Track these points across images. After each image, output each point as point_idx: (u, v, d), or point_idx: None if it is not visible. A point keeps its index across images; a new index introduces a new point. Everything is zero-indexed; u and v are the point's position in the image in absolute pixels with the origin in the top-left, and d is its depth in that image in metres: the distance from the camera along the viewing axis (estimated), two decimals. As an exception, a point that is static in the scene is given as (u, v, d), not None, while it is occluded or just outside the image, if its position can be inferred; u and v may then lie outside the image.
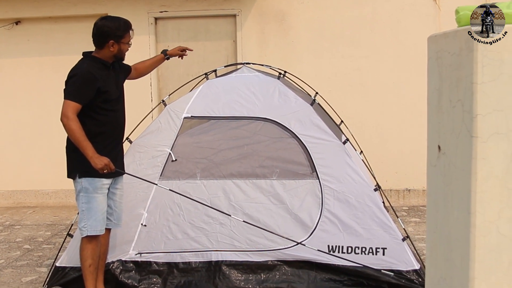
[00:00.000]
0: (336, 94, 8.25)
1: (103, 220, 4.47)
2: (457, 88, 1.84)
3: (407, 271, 4.61)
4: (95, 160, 4.21)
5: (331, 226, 4.76)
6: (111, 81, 4.48)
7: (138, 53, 8.61)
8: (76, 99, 4.26)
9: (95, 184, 4.39)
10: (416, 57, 8.31)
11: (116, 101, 4.53)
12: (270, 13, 8.72)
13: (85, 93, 4.29)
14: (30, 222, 8.09)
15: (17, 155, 9.32)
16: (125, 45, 4.49)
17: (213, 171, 4.99)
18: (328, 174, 4.83)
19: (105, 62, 4.46)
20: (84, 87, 4.29)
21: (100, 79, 4.35)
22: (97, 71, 4.37)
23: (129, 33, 4.49)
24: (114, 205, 4.65)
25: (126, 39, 4.47)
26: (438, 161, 2.07)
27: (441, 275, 2.08)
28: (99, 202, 4.42)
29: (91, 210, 4.40)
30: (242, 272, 4.79)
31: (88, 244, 4.45)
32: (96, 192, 4.40)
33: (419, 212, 8.02)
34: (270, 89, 5.25)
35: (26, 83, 9.18)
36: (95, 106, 4.36)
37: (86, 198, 4.41)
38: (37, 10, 8.98)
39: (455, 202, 1.91)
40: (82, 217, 4.43)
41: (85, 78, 4.31)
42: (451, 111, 1.90)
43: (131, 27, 4.53)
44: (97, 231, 4.42)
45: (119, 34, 4.42)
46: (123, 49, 4.50)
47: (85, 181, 4.39)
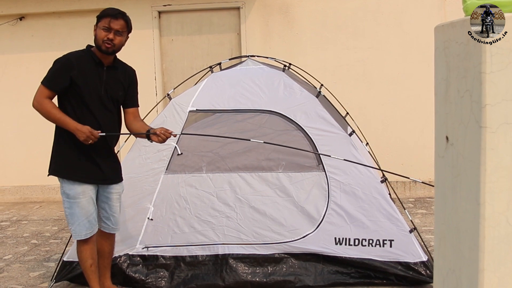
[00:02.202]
0: (341, 85, 8.23)
1: (89, 223, 4.30)
2: (465, 78, 1.82)
3: (414, 263, 4.60)
4: (78, 133, 4.08)
5: (338, 219, 4.75)
6: (94, 78, 4.24)
7: (142, 47, 8.65)
8: (49, 84, 4.15)
9: (75, 189, 4.23)
10: (420, 47, 8.28)
11: (98, 103, 4.26)
12: (274, 5, 8.70)
13: (58, 80, 4.15)
14: (37, 217, 8.11)
15: (22, 150, 9.34)
16: (99, 30, 4.21)
17: (219, 164, 4.98)
18: (334, 166, 4.81)
19: (95, 57, 4.27)
20: (58, 73, 4.16)
21: (78, 69, 4.16)
22: (80, 61, 4.21)
23: (106, 18, 4.20)
24: (110, 209, 4.50)
25: (101, 24, 4.22)
26: (446, 152, 2.05)
27: (449, 267, 2.07)
28: (82, 207, 4.26)
29: (73, 216, 4.26)
30: (249, 265, 4.78)
31: (84, 245, 4.36)
32: (78, 198, 4.24)
33: (426, 203, 8.01)
34: (275, 81, 5.24)
35: (30, 78, 9.16)
36: (71, 99, 4.20)
37: (67, 204, 4.28)
38: (41, 5, 8.98)
39: (464, 193, 1.89)
40: (68, 221, 4.34)
41: (61, 64, 4.18)
42: (459, 102, 1.89)
43: (114, 16, 4.22)
44: (81, 236, 4.29)
45: (98, 16, 4.25)
46: (97, 34, 4.22)
47: (66, 185, 4.27)
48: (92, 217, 4.33)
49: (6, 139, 9.38)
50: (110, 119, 4.37)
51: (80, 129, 4.08)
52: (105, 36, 4.18)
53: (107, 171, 4.38)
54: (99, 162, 4.31)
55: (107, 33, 4.19)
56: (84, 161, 4.27)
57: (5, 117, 9.36)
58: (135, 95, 4.61)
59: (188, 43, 9.03)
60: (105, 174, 4.37)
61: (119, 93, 4.41)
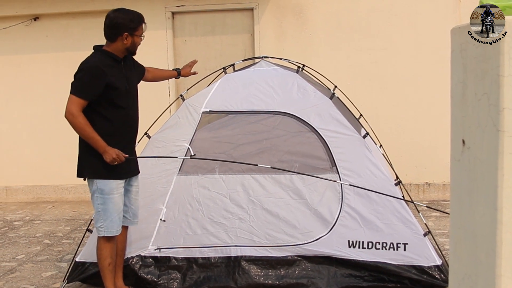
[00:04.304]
0: (354, 87, 8.19)
1: (120, 220, 4.43)
2: (483, 81, 1.80)
3: (429, 267, 4.56)
4: (106, 155, 4.21)
5: (351, 221, 4.72)
6: (121, 77, 4.37)
7: (156, 48, 8.66)
8: (82, 94, 4.19)
9: (110, 185, 4.34)
10: (434, 49, 8.23)
11: (126, 98, 4.41)
12: (288, 6, 8.68)
13: (92, 89, 4.20)
14: (50, 217, 8.13)
15: (36, 150, 9.38)
16: (138, 38, 4.40)
17: (232, 165, 4.97)
18: (348, 169, 4.78)
19: (116, 57, 4.37)
20: (91, 83, 4.21)
21: (109, 74, 4.25)
22: (107, 66, 4.28)
23: (142, 25, 4.41)
24: (129, 202, 4.61)
25: (139, 32, 4.39)
26: (462, 155, 2.03)
27: (465, 272, 2.04)
28: (115, 202, 4.37)
29: (107, 211, 4.36)
30: (262, 268, 4.76)
31: (106, 243, 4.43)
32: (111, 193, 4.35)
33: (440, 206, 7.95)
34: (289, 83, 5.22)
35: (44, 78, 9.23)
36: (103, 102, 4.28)
37: (101, 200, 4.36)
38: (55, 6, 9.02)
39: (481, 198, 1.87)
40: (98, 218, 4.40)
41: (93, 73, 4.23)
42: (476, 105, 1.86)
43: (144, 20, 4.45)
44: (113, 232, 4.40)
45: (133, 26, 4.33)
46: (136, 42, 4.41)
47: (100, 182, 4.34)
48: (121, 214, 4.47)
49: (20, 139, 9.43)
50: (136, 110, 4.58)
51: (108, 151, 4.23)
52: (140, 41, 4.45)
53: (132, 164, 4.53)
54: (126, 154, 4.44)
55: (141, 39, 4.46)
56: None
57: (19, 117, 9.40)
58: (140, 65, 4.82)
59: (202, 44, 9.02)
60: (130, 167, 4.51)
61: (135, 83, 4.62)
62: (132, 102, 4.51)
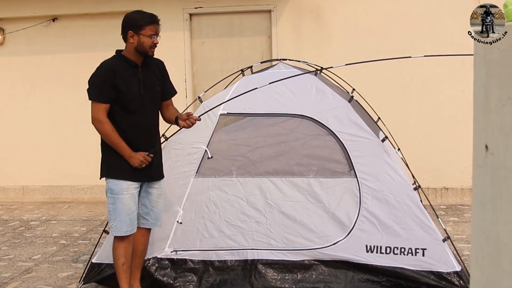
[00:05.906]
0: (372, 90, 8.13)
1: (130, 221, 4.41)
2: (507, 85, 1.76)
3: (447, 273, 4.50)
4: (132, 160, 4.26)
5: (369, 226, 4.68)
6: (134, 81, 4.33)
7: (173, 49, 8.67)
8: (99, 98, 4.24)
9: (120, 185, 4.34)
10: (454, 52, 8.15)
11: (140, 103, 4.35)
12: (306, 8, 8.66)
13: (106, 91, 4.24)
14: (66, 217, 8.16)
15: (53, 150, 9.44)
16: (145, 37, 4.27)
17: (249, 168, 4.95)
18: (367, 173, 4.74)
19: (130, 61, 4.35)
20: (104, 85, 4.24)
21: (119, 76, 4.25)
22: (118, 69, 4.28)
23: (152, 26, 4.29)
24: (150, 204, 4.58)
25: (146, 32, 4.27)
26: (485, 161, 1.99)
27: (487, 280, 2.00)
28: (124, 203, 4.36)
29: (116, 211, 4.36)
30: (278, 271, 4.74)
31: (120, 242, 4.43)
32: (121, 194, 4.34)
33: (458, 211, 7.89)
34: (307, 85, 5.19)
35: (63, 79, 9.27)
36: (114, 105, 4.29)
37: (111, 199, 4.38)
38: (73, 7, 9.08)
39: (504, 205, 1.83)
40: (110, 217, 4.43)
41: (103, 75, 4.27)
42: (500, 110, 1.83)
43: (157, 22, 4.36)
44: (122, 232, 4.39)
45: (139, 24, 4.27)
46: (143, 42, 4.28)
47: (110, 182, 4.38)
48: (133, 215, 4.43)
49: (38, 139, 9.49)
50: (153, 119, 4.52)
51: (133, 156, 4.28)
52: (152, 42, 4.32)
53: (152, 169, 4.49)
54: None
55: (154, 39, 4.33)
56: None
57: (38, 117, 9.47)
58: (170, 85, 4.74)
59: (219, 46, 9.02)
60: (149, 172, 4.47)
61: (156, 89, 4.52)
62: (149, 108, 4.43)
